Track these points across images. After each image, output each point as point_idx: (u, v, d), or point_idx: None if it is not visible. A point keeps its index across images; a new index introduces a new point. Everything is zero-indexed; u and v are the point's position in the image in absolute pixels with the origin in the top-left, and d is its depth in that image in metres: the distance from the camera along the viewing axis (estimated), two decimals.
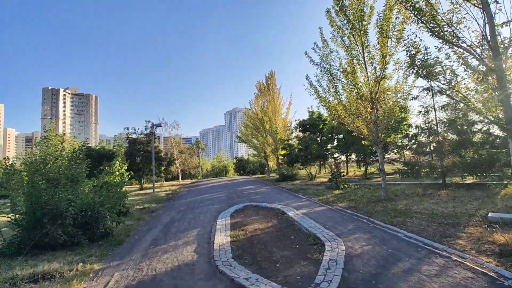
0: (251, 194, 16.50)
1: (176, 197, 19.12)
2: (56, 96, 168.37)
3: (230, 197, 15.52)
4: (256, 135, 30.64)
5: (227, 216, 10.22)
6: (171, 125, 38.48)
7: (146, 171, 28.60)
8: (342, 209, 10.26)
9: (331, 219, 8.75)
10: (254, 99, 34.59)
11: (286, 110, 28.65)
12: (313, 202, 12.13)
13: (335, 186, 15.82)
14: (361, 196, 12.56)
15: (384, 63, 10.84)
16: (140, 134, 29.61)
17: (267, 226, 8.65)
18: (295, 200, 13.15)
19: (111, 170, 13.11)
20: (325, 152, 24.16)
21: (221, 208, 12.20)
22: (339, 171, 16.12)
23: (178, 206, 14.61)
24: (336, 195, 13.58)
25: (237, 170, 62.51)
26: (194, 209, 12.88)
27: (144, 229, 10.07)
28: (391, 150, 19.15)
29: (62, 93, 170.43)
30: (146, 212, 13.59)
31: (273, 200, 13.30)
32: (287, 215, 9.62)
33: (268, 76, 29.43)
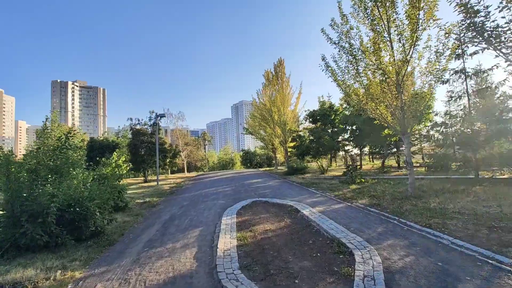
0: (259, 188, 15.34)
1: (180, 190, 18.12)
2: (65, 89, 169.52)
3: (237, 192, 14.40)
4: (264, 126, 29.34)
5: (233, 214, 9.08)
6: (176, 116, 37.49)
7: (150, 163, 27.71)
8: (364, 207, 9.00)
9: (354, 219, 7.52)
10: (261, 89, 33.29)
11: (296, 100, 27.27)
12: (329, 198, 10.90)
13: (351, 180, 14.52)
14: (382, 192, 11.26)
15: (414, 39, 9.39)
16: (143, 125, 28.65)
17: (280, 226, 7.48)
18: (308, 195, 11.93)
19: (108, 161, 12.11)
20: (337, 144, 22.74)
21: (226, 204, 11.09)
22: (355, 164, 14.77)
23: (181, 200, 13.57)
24: (353, 191, 12.30)
25: (244, 163, 61.56)
26: (197, 204, 11.80)
27: (141, 226, 9.03)
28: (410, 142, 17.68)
29: (71, 86, 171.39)
30: (146, 207, 12.59)
31: (283, 196, 12.12)
32: (302, 213, 8.43)
33: (276, 64, 27.93)
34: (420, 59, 9.79)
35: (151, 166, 28.45)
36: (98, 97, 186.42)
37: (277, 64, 27.84)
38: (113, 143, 27.04)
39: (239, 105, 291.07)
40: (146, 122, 28.78)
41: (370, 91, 10.48)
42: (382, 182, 13.92)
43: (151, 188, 20.21)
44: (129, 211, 11.50)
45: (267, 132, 30.21)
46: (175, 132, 40.33)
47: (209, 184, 20.16)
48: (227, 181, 20.59)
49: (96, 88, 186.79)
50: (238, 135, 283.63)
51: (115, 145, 26.83)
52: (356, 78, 10.72)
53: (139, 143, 26.18)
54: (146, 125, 28.58)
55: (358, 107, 11.22)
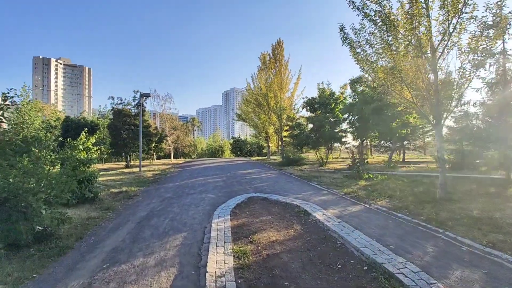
0: (254, 180, 13.53)
1: (164, 179, 16.11)
2: (48, 66, 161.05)
3: (229, 184, 12.55)
4: (258, 112, 27.33)
5: (226, 214, 7.23)
6: (164, 98, 34.86)
7: (133, 148, 25.40)
8: (387, 210, 7.33)
9: (385, 229, 5.81)
10: (256, 72, 31.05)
11: (294, 86, 25.34)
12: (340, 197, 9.19)
13: (358, 175, 12.89)
14: (400, 191, 9.64)
15: (458, 6, 7.56)
16: (127, 105, 26.12)
17: (289, 236, 5.69)
18: (313, 192, 10.20)
19: (74, 143, 9.96)
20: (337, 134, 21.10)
21: (217, 200, 9.24)
22: (363, 157, 13.16)
23: (163, 192, 11.61)
24: (364, 188, 10.67)
25: (234, 151, 59.71)
26: (182, 198, 9.90)
27: (109, 226, 7.08)
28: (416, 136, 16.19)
29: (54, 63, 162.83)
30: (121, 198, 10.57)
31: (284, 191, 10.36)
32: (314, 217, 6.67)
33: (275, 45, 25.72)
34: (462, 32, 7.99)
35: (134, 150, 26.16)
36: (83, 77, 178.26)
37: (275, 45, 25.64)
38: (91, 123, 24.49)
39: (230, 92, 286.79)
40: (130, 102, 26.26)
41: (398, 70, 8.65)
42: (393, 178, 12.34)
43: (132, 175, 18.08)
44: (99, 204, 9.48)
45: (261, 119, 28.24)
46: (161, 115, 37.75)
47: (197, 172, 18.20)
48: (217, 170, 18.69)
49: (81, 67, 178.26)
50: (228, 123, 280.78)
51: (94, 126, 24.30)
52: (381, 53, 8.85)
53: (121, 125, 23.75)
54: (129, 106, 26.09)
55: (382, 90, 9.41)
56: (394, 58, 8.38)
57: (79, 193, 9.22)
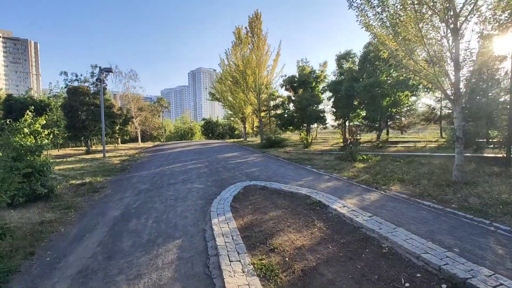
0: (241, 165, 12.20)
1: (134, 166, 14.12)
2: None
3: (214, 170, 11.08)
4: (236, 91, 25.50)
5: (226, 211, 5.86)
6: (127, 75, 31.33)
7: (94, 130, 22.47)
8: (408, 197, 6.49)
9: (426, 223, 4.87)
10: (231, 48, 28.88)
11: (273, 63, 23.77)
12: (347, 182, 8.24)
13: (351, 157, 12.13)
14: (405, 173, 8.94)
15: None
16: (84, 81, 22.76)
17: (316, 238, 4.53)
18: (313, 177, 9.16)
19: (16, 125, 7.73)
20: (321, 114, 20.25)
21: (207, 191, 7.80)
22: (356, 138, 12.39)
23: (137, 182, 9.84)
24: (363, 171, 9.87)
25: (205, 133, 57.44)
26: (163, 190, 8.29)
27: (71, 233, 5.38)
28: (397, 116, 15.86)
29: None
30: (85, 192, 8.66)
31: (280, 177, 9.20)
32: (335, 210, 5.57)
33: (252, 18, 23.66)
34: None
35: (95, 134, 23.22)
36: (29, 52, 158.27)
37: (252, 17, 23.59)
38: (41, 103, 20.99)
39: (197, 73, 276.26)
40: (87, 79, 22.87)
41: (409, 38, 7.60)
42: (388, 159, 11.76)
43: (95, 162, 15.74)
44: (56, 201, 7.54)
45: (238, 98, 26.49)
46: (125, 95, 34.13)
47: (173, 157, 16.36)
48: (195, 155, 16.99)
49: (26, 41, 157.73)
50: (196, 104, 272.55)
51: (45, 106, 20.89)
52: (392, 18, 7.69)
53: (78, 105, 20.63)
54: (87, 83, 22.76)
55: (396, 63, 8.36)
56: (416, 25, 7.27)
57: (28, 188, 7.23)
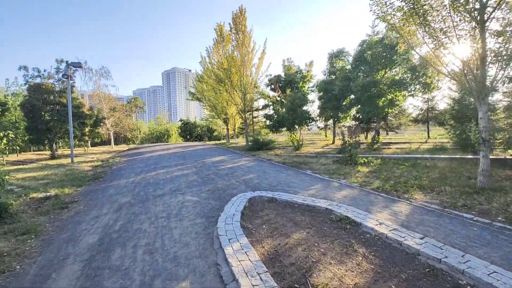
0: (235, 171, 11.00)
1: (110, 173, 12.39)
2: None
3: (206, 178, 9.78)
4: (219, 91, 24.12)
5: (239, 234, 4.67)
6: (98, 72, 28.77)
7: (60, 133, 20.07)
8: (441, 209, 5.70)
9: (489, 245, 4.03)
10: (212, 46, 27.50)
11: (258, 61, 22.71)
12: (362, 191, 7.35)
13: (351, 160, 11.40)
14: (417, 178, 8.27)
15: None
16: (47, 78, 20.26)
17: (368, 273, 3.50)
18: (322, 184, 8.21)
19: None
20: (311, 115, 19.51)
21: (205, 205, 6.55)
22: (357, 140, 11.68)
23: (115, 193, 8.31)
24: (370, 175, 9.12)
25: (183, 135, 55.25)
26: (149, 204, 6.90)
27: (29, 273, 3.94)
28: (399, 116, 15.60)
29: None
30: (50, 209, 7.04)
31: (284, 185, 8.16)
32: (372, 230, 4.61)
33: (236, 14, 22.49)
34: None
35: (62, 136, 20.80)
36: None
37: (237, 13, 22.42)
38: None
39: (171, 72, 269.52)
40: (52, 75, 20.39)
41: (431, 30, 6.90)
42: (391, 163, 11.15)
43: (62, 169, 13.74)
44: (11, 223, 5.93)
45: (222, 97, 25.14)
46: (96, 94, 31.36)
47: (153, 162, 14.74)
48: (178, 159, 15.48)
49: None
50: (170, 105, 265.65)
51: (1, 105, 18.24)
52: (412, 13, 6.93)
53: (41, 104, 18.23)
54: (51, 79, 20.30)
55: (422, 64, 7.62)
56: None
57: None
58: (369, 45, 13.44)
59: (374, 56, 13.14)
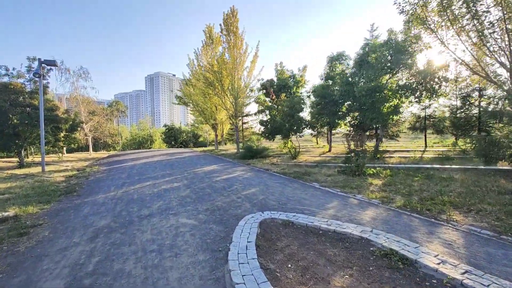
0: (232, 183, 9.73)
1: (86, 185, 10.78)
2: None
3: (201, 192, 8.45)
4: (209, 94, 22.81)
5: (261, 280, 3.43)
6: (76, 73, 26.71)
7: (31, 138, 18.04)
8: (496, 235, 4.73)
9: None
10: (201, 48, 26.31)
11: (251, 64, 21.66)
12: (390, 210, 6.31)
13: (358, 170, 10.44)
14: (441, 193, 7.36)
15: None
16: (16, 77, 18.24)
17: None
18: (338, 201, 7.10)
19: None
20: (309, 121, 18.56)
21: (204, 230, 5.26)
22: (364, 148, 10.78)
23: (91, 213, 6.84)
24: (388, 190, 8.15)
25: (167, 140, 53.30)
26: (134, 230, 5.51)
27: None
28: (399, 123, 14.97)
29: None
30: (4, 236, 5.51)
31: (296, 202, 7.02)
32: (434, 271, 3.51)
33: (228, 14, 21.42)
34: None
35: (32, 142, 18.74)
36: None
37: (228, 14, 21.35)
38: None
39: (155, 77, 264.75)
40: (22, 74, 18.37)
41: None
42: (402, 174, 10.27)
43: (30, 180, 11.95)
44: None
45: (211, 102, 23.84)
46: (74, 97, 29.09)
47: (137, 172, 13.19)
48: (166, 168, 14.00)
49: None
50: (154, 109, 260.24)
51: None
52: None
53: (8, 106, 16.23)
54: (21, 78, 18.29)
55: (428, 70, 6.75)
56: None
57: None
58: (373, 48, 12.74)
59: (379, 59, 12.45)
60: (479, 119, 14.05)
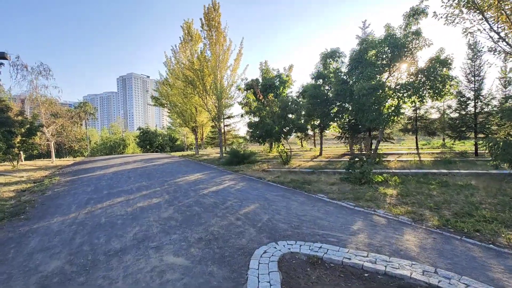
0: (226, 198, 8.17)
1: (39, 203, 8.69)
2: None
3: (188, 212, 6.81)
4: (189, 95, 20.94)
5: None
6: (36, 70, 23.66)
7: None
8: None
9: None
10: (178, 45, 24.45)
11: (234, 62, 20.15)
12: (433, 233, 5.09)
13: (364, 178, 9.31)
14: (471, 204, 6.35)
15: None
16: None
17: None
18: (362, 221, 5.81)
19: None
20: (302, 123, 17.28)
21: (198, 273, 3.71)
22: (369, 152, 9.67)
23: (39, 249, 5.00)
24: (408, 201, 7.02)
25: (142, 145, 50.26)
26: (97, 277, 3.82)
27: None
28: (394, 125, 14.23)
29: None
30: None
31: (309, 223, 5.64)
32: None
33: (209, 8, 19.79)
34: None
35: None
36: None
37: (209, 8, 19.72)
38: None
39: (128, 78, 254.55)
40: None
41: None
42: (413, 181, 9.27)
43: None
44: None
45: (191, 103, 21.96)
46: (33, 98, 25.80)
47: (107, 184, 11.18)
48: (142, 178, 12.10)
49: None
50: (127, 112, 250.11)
51: None
52: None
53: None
54: None
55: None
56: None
57: None
58: (371, 44, 11.79)
59: (380, 55, 11.54)
60: (475, 119, 13.61)
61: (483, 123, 13.32)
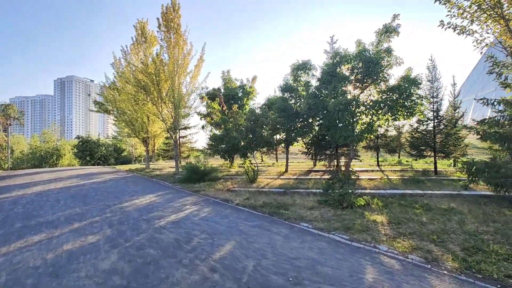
0: (190, 235, 6.42)
1: None
2: None
3: (139, 259, 4.92)
4: (141, 101, 18.41)
5: None
6: None
7: None
8: None
9: None
10: (130, 46, 21.92)
11: (195, 69, 18.36)
12: (458, 281, 4.14)
13: (345, 201, 8.41)
14: (472, 235, 5.76)
15: None
16: None
17: None
18: (372, 266, 4.64)
19: None
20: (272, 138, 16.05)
21: None
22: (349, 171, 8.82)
23: None
24: (404, 232, 6.17)
25: (81, 156, 44.50)
26: None
27: None
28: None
29: None
30: None
31: (307, 273, 4.31)
32: None
33: (168, 8, 17.88)
34: None
35: None
36: None
37: (168, 8, 17.85)
38: None
39: (67, 81, 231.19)
40: None
41: None
42: (395, 204, 8.63)
43: None
44: None
45: (143, 111, 19.40)
46: None
47: (22, 214, 8.43)
48: (74, 202, 9.54)
49: None
50: (65, 118, 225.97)
51: None
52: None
53: None
54: None
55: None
56: None
57: None
58: (346, 59, 11.36)
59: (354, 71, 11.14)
60: (434, 138, 14.05)
61: (443, 142, 13.79)
